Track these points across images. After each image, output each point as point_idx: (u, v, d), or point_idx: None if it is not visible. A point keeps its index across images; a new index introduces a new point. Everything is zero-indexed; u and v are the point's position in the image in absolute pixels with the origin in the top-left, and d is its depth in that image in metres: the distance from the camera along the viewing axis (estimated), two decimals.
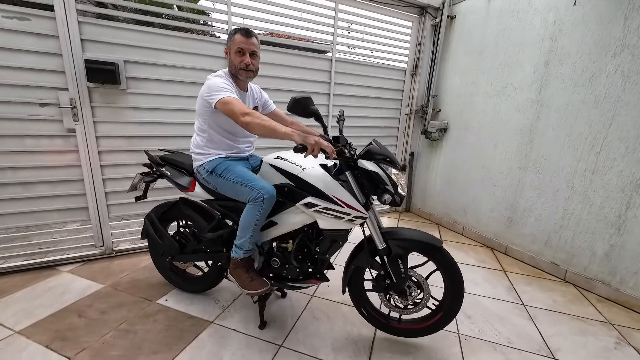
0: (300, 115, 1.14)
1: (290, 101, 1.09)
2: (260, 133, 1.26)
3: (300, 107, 1.11)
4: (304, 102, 1.11)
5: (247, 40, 1.43)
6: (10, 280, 1.99)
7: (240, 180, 1.40)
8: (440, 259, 1.38)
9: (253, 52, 1.45)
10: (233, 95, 1.36)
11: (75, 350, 1.42)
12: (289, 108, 1.10)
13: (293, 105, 1.09)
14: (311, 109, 1.13)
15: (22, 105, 1.91)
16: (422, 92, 3.38)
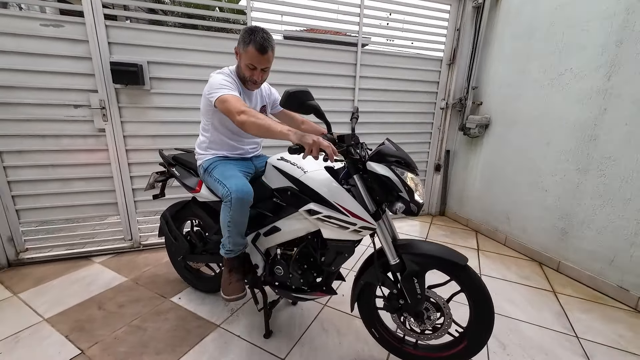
0: (297, 111, 1.01)
1: (283, 95, 0.96)
2: (256, 132, 1.16)
3: (295, 102, 0.97)
4: (300, 96, 0.98)
5: (262, 57, 1.30)
6: (52, 268, 2.17)
7: (219, 178, 1.34)
8: (465, 279, 1.17)
9: (266, 67, 1.36)
10: (233, 92, 1.28)
11: (88, 343, 1.48)
12: (282, 103, 0.98)
13: (286, 100, 0.96)
14: (309, 104, 0.99)
15: (59, 107, 2.05)
16: (460, 83, 3.03)
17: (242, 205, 1.26)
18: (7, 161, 2.03)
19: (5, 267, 2.15)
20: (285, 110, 1.66)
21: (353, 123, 1.46)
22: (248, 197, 1.27)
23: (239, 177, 1.32)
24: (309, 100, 0.99)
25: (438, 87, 3.09)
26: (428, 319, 1.24)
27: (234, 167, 1.41)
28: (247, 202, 1.27)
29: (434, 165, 3.33)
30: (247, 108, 1.19)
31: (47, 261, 2.25)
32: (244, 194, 1.25)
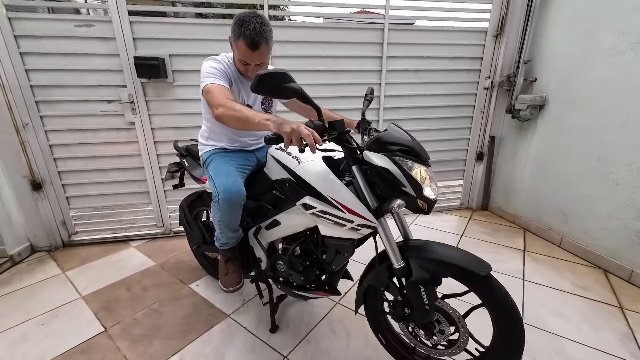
0: (272, 95, 0.88)
1: (254, 79, 0.84)
2: (235, 126, 1.07)
3: (268, 85, 0.84)
4: (275, 79, 0.85)
5: (253, 53, 1.17)
6: (96, 250, 2.41)
7: (211, 174, 1.29)
8: (486, 292, 0.97)
9: (262, 63, 1.23)
10: (218, 82, 1.18)
11: (112, 322, 1.59)
12: (252, 88, 0.86)
13: (257, 84, 0.84)
14: (287, 87, 0.86)
15: (95, 103, 2.21)
16: (509, 57, 2.60)
17: (230, 206, 1.21)
18: (56, 153, 2.27)
19: (60, 247, 2.44)
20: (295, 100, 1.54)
21: (364, 106, 1.30)
22: (236, 197, 1.20)
23: (229, 175, 1.25)
24: (287, 82, 0.86)
25: (482, 64, 2.69)
26: (440, 333, 1.06)
27: (229, 162, 1.34)
28: (236, 203, 1.21)
29: (476, 153, 2.95)
30: (227, 100, 1.09)
31: (93, 243, 2.50)
32: (231, 195, 1.19)
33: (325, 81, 2.47)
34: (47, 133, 2.22)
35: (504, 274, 1.95)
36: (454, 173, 3.02)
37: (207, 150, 1.43)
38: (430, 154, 3.16)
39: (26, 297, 1.82)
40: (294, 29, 2.33)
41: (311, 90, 2.54)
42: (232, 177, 1.24)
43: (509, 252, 2.24)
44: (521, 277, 1.92)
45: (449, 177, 3.04)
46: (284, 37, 2.31)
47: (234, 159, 1.37)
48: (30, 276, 2.05)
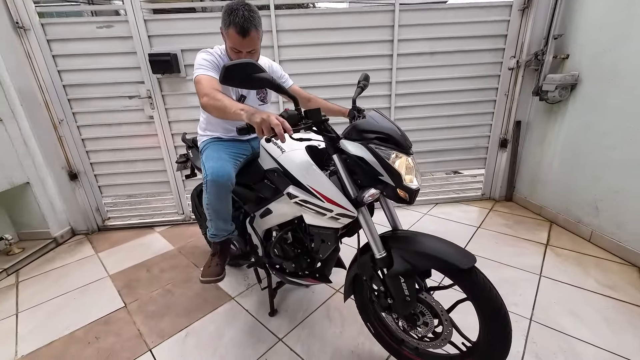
0: (240, 86, 0.89)
1: (222, 70, 0.85)
2: (216, 115, 1.09)
3: (237, 76, 0.85)
4: (244, 69, 0.85)
5: (243, 40, 1.19)
6: (125, 234, 2.64)
7: (203, 160, 1.33)
8: (469, 286, 0.92)
9: (252, 50, 1.24)
10: (208, 73, 1.22)
11: (131, 299, 1.76)
12: (220, 80, 0.87)
13: (224, 75, 0.85)
14: (256, 77, 0.86)
15: (117, 99, 2.39)
16: (538, 33, 2.36)
17: (217, 189, 1.23)
18: (88, 147, 2.50)
19: (96, 231, 2.72)
20: (292, 88, 1.54)
21: (356, 93, 1.27)
22: (224, 180, 1.22)
23: (220, 160, 1.28)
24: (256, 72, 0.86)
25: (506, 42, 2.47)
26: (424, 325, 1.04)
27: (223, 149, 1.38)
28: (224, 186, 1.23)
29: (499, 140, 2.74)
30: (211, 90, 1.12)
31: (123, 228, 2.75)
32: (218, 177, 1.22)
33: (333, 69, 2.43)
34: (79, 128, 2.44)
35: (518, 269, 1.83)
36: (475, 162, 2.84)
37: (204, 140, 1.48)
38: (449, 142, 3.02)
39: (64, 274, 2.07)
40: (298, 17, 2.30)
41: (317, 79, 2.51)
42: (221, 161, 1.28)
43: (528, 246, 2.09)
44: (537, 273, 1.79)
45: (469, 166, 2.88)
46: (289, 26, 2.29)
47: (228, 147, 1.41)
48: (69, 256, 2.32)
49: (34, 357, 1.40)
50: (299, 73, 2.36)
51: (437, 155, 2.76)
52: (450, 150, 2.76)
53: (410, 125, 2.63)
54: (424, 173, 3.10)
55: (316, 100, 1.56)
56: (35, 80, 2.24)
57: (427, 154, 2.74)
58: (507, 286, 1.68)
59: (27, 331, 1.56)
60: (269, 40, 2.31)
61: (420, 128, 2.65)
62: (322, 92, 2.45)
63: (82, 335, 1.51)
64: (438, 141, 2.71)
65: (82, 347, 1.43)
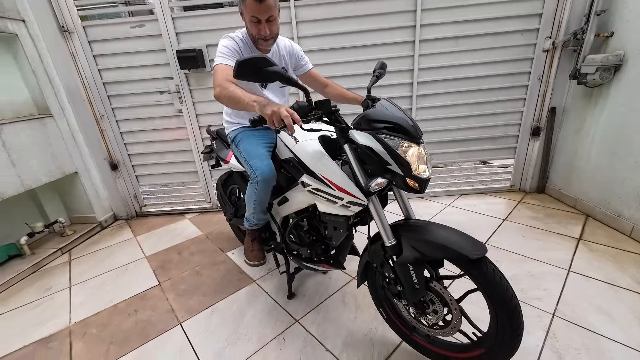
0: (253, 80, 0.93)
1: (235, 65, 0.90)
2: (230, 106, 1.14)
3: (250, 70, 0.89)
4: (256, 64, 0.89)
5: (260, 6, 1.19)
6: (161, 220, 2.87)
7: (245, 156, 1.36)
8: (479, 276, 0.92)
9: (270, 17, 1.23)
10: (226, 62, 1.25)
11: (164, 278, 1.93)
12: (234, 74, 0.92)
13: (237, 70, 0.89)
14: (267, 70, 0.89)
15: (150, 95, 2.56)
16: (578, 10, 2.16)
17: (266, 187, 1.30)
18: (126, 139, 2.72)
19: (134, 217, 2.98)
20: (312, 72, 1.56)
21: (371, 82, 1.27)
22: (272, 178, 1.29)
23: (263, 158, 1.31)
24: (268, 66, 0.89)
25: (540, 22, 2.29)
26: (434, 312, 1.05)
27: (257, 141, 1.40)
28: (271, 183, 1.30)
29: (531, 128, 2.58)
30: (224, 81, 1.15)
31: (158, 215, 2.98)
32: (267, 176, 1.27)
33: (353, 58, 2.41)
34: (118, 122, 2.66)
35: (544, 263, 1.75)
36: (503, 151, 2.71)
37: (234, 129, 1.52)
38: (475, 131, 2.92)
39: (108, 255, 2.30)
40: (317, 7, 2.29)
41: (337, 69, 2.50)
42: (265, 159, 1.31)
43: (558, 240, 1.98)
44: (566, 268, 1.70)
45: (497, 156, 2.74)
46: (308, 17, 2.30)
47: (260, 137, 1.43)
48: (112, 238, 2.57)
49: (85, 324, 1.60)
50: (319, 63, 2.37)
51: (462, 145, 2.66)
52: (477, 140, 2.65)
53: (434, 113, 2.56)
54: (447, 163, 3.01)
55: (333, 86, 1.57)
56: (79, 78, 2.47)
57: (451, 144, 2.65)
58: (531, 280, 1.62)
59: (79, 302, 1.78)
60: (289, 31, 2.33)
61: (444, 116, 2.57)
62: (343, 82, 2.45)
63: (123, 307, 1.70)
64: (463, 130, 2.61)
65: (124, 317, 1.61)
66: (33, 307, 1.77)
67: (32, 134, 2.24)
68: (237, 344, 1.39)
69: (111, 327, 1.55)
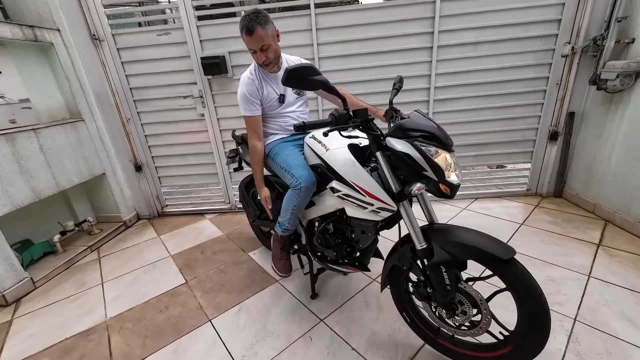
0: (300, 87, 1.00)
1: (283, 74, 0.97)
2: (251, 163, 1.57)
3: (296, 78, 0.97)
4: (302, 72, 0.96)
5: (250, 38, 1.36)
6: (182, 220, 2.97)
7: (285, 166, 1.44)
8: (509, 276, 0.97)
9: (263, 46, 1.38)
10: (250, 113, 1.52)
11: (190, 277, 2.02)
12: (283, 81, 0.99)
13: (287, 78, 0.96)
14: (313, 79, 0.97)
15: (174, 99, 2.66)
16: (598, 16, 2.17)
17: (308, 193, 1.37)
18: (150, 142, 2.82)
19: (156, 216, 3.09)
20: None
21: (392, 94, 1.32)
22: (314, 185, 1.36)
23: (303, 166, 1.39)
24: (313, 75, 0.97)
25: (559, 27, 2.30)
26: (462, 314, 1.10)
27: (294, 150, 1.50)
28: (312, 190, 1.37)
29: (548, 133, 2.58)
30: (258, 140, 1.54)
31: (178, 214, 3.08)
32: (310, 184, 1.34)
33: (371, 64, 2.46)
34: (142, 126, 2.77)
35: (564, 268, 1.77)
36: (520, 155, 2.72)
37: (268, 143, 1.62)
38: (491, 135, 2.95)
39: (136, 252, 2.41)
40: (336, 14, 2.35)
41: (355, 74, 2.56)
42: (306, 167, 1.39)
43: (577, 245, 1.99)
44: (586, 273, 1.72)
45: (514, 160, 2.75)
46: (328, 24, 2.36)
47: (295, 147, 1.55)
48: (138, 237, 2.68)
49: (120, 318, 1.69)
50: (337, 69, 2.44)
51: (478, 149, 2.68)
52: (493, 144, 2.66)
53: (450, 118, 2.59)
54: (464, 167, 3.03)
55: (348, 96, 1.63)
56: (108, 84, 2.58)
57: (468, 147, 2.68)
58: (552, 285, 1.65)
59: (112, 297, 1.88)
60: (309, 38, 2.40)
61: (461, 121, 2.60)
62: (361, 87, 2.52)
63: (155, 303, 1.79)
64: (480, 134, 2.63)
65: (156, 313, 1.70)
66: (71, 302, 1.88)
67: (66, 137, 2.35)
68: (266, 340, 1.46)
69: (145, 322, 1.64)
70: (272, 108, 1.56)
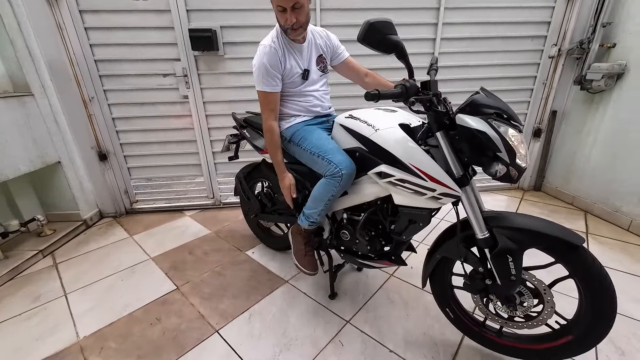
0: (376, 47, 0.86)
1: (362, 26, 0.82)
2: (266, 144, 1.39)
3: (375, 35, 0.83)
4: (381, 29, 0.82)
5: None
6: (156, 218, 2.59)
7: (317, 152, 1.26)
8: (578, 264, 0.93)
9: (295, 4, 1.15)
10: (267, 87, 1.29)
11: (182, 282, 1.73)
12: (360, 37, 0.84)
13: (365, 33, 0.82)
14: (391, 40, 0.84)
15: (152, 77, 2.29)
16: (583, 20, 2.33)
17: (349, 181, 1.20)
18: (119, 126, 2.41)
19: (124, 214, 2.65)
20: (349, 61, 1.50)
21: (432, 76, 1.22)
22: (354, 171, 1.20)
23: (339, 151, 1.23)
24: (391, 34, 0.83)
25: (549, 29, 2.43)
26: (520, 305, 1.04)
27: (323, 134, 1.33)
28: (353, 177, 1.21)
29: (533, 129, 2.74)
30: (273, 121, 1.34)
31: (152, 211, 2.69)
32: (352, 171, 1.18)
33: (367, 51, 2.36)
34: (110, 106, 2.35)
35: None
36: None
37: (288, 127, 1.41)
38: None
39: (104, 256, 2.02)
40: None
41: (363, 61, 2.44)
42: (343, 152, 1.22)
43: None
44: None
45: None
46: (335, 5, 2.22)
47: (324, 131, 1.37)
48: (103, 238, 2.26)
49: (99, 336, 1.37)
50: None
51: None
52: None
53: None
54: None
55: (374, 76, 1.51)
56: (66, 53, 2.13)
57: None
58: None
59: (82, 311, 1.53)
60: (312, 19, 2.22)
61: None
62: None
63: (141, 315, 1.48)
64: None
65: (146, 326, 1.41)
66: (26, 320, 1.48)
67: (10, 115, 1.88)
68: (291, 349, 1.28)
69: (134, 339, 1.35)
70: (293, 85, 1.36)
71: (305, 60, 1.36)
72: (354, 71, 1.52)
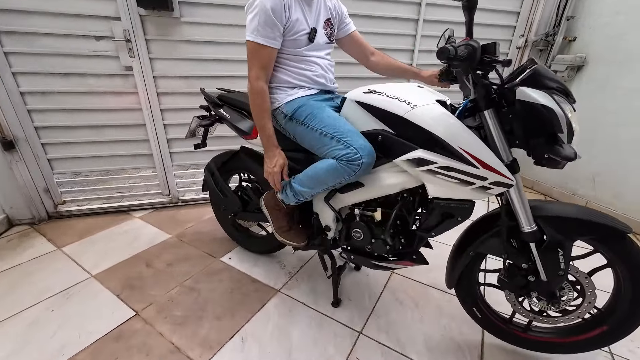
0: None
1: None
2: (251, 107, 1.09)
3: None
4: None
5: None
6: (93, 222, 2.05)
7: (331, 133, 1.01)
8: (622, 253, 0.88)
9: None
10: (265, 40, 1.00)
11: (142, 304, 1.34)
12: None
13: None
14: None
15: (80, 39, 1.75)
16: (548, 13, 2.43)
17: (367, 171, 1.00)
18: (31, 104, 1.81)
19: (45, 219, 2.05)
20: (355, 35, 1.28)
21: None
22: (374, 158, 0.99)
23: (357, 133, 1.01)
24: None
25: (517, 20, 2.50)
26: (562, 300, 0.97)
27: (334, 112, 1.09)
28: (372, 165, 1.00)
29: None
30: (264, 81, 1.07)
31: (86, 214, 2.13)
32: (373, 160, 0.98)
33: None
34: (15, 76, 1.74)
35: None
36: None
37: (291, 100, 1.13)
38: None
39: (20, 278, 1.49)
40: None
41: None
42: (361, 135, 1.00)
43: None
44: None
45: None
46: None
47: (332, 107, 1.13)
48: (16, 254, 1.69)
49: None
50: None
51: None
52: None
53: None
54: None
55: (381, 55, 1.33)
56: None
57: None
58: None
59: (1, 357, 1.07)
60: None
61: None
62: None
63: (88, 358, 1.09)
64: None
65: None
66: None
67: None
68: None
69: None
70: (296, 44, 1.07)
71: (313, 18, 1.09)
72: (360, 47, 1.31)
